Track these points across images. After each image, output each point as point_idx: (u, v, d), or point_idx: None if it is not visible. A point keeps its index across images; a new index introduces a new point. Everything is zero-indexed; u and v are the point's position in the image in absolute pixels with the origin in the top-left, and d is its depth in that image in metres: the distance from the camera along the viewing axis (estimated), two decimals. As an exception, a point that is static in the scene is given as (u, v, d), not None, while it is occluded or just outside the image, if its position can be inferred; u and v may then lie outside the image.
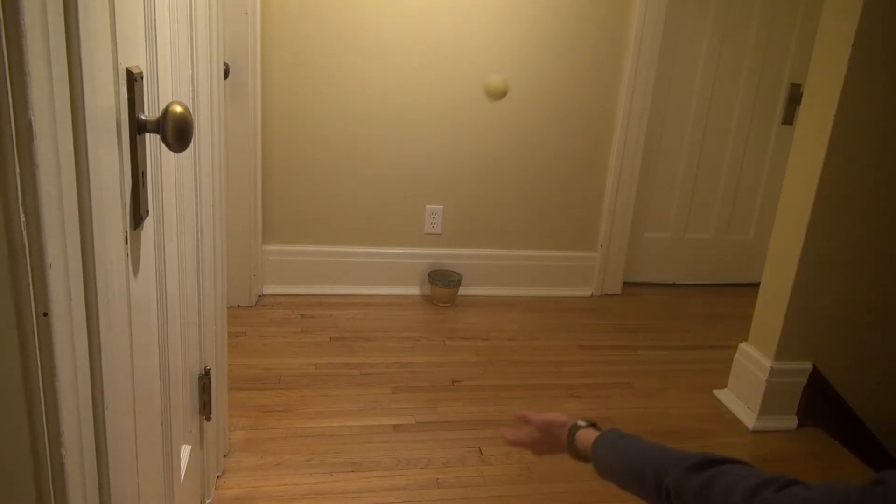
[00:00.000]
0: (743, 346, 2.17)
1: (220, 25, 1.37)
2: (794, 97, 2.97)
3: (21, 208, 0.51)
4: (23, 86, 0.50)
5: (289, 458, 1.71)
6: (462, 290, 2.86)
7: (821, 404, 2.07)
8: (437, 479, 1.68)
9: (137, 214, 0.78)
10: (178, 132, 0.74)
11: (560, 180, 2.85)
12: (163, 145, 0.78)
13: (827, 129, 1.85)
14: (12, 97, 0.49)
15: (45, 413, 0.57)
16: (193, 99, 1.18)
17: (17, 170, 0.51)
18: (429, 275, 2.78)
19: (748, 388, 2.11)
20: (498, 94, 1.93)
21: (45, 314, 0.55)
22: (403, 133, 2.67)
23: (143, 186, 0.80)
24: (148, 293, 0.88)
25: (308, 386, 2.05)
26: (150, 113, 0.84)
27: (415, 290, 2.84)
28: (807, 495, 0.80)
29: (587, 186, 2.89)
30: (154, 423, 0.95)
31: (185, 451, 1.27)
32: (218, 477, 1.61)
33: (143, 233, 0.83)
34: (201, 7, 1.20)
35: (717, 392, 2.23)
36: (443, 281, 2.73)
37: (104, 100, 0.65)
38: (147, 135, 0.79)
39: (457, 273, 2.82)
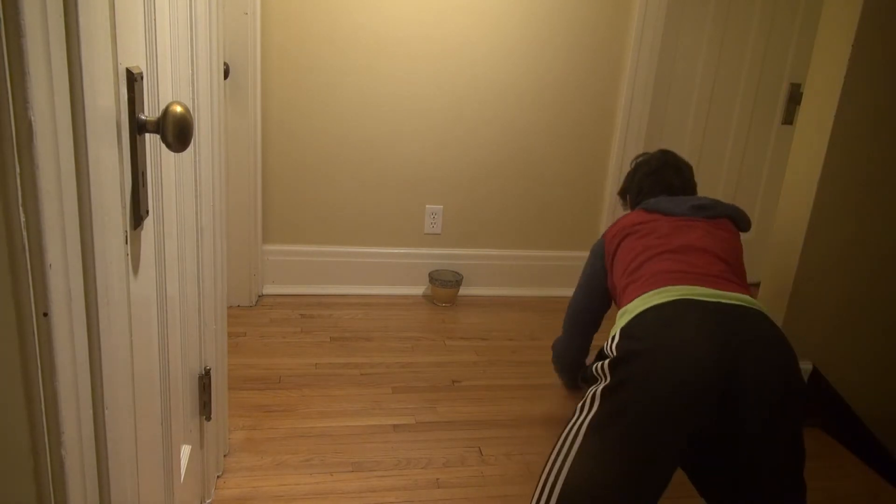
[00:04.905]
0: (743, 346, 2.16)
1: (220, 26, 1.37)
2: (794, 97, 2.97)
3: (21, 208, 0.51)
4: (23, 86, 0.50)
5: (289, 458, 1.71)
6: (462, 290, 2.86)
7: (821, 404, 2.07)
8: (437, 479, 1.68)
9: (137, 214, 0.78)
10: (178, 132, 0.74)
11: (560, 180, 2.85)
12: (163, 145, 0.78)
13: (827, 129, 1.85)
14: (12, 97, 0.50)
15: (45, 413, 0.57)
16: (193, 99, 1.18)
17: (17, 170, 0.51)
18: (429, 275, 2.78)
19: (748, 388, 2.10)
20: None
21: (45, 314, 0.55)
22: (403, 133, 2.67)
23: (143, 186, 0.80)
24: (148, 293, 0.88)
25: (308, 386, 2.05)
26: (150, 113, 0.84)
27: (415, 290, 2.84)
28: None
29: (587, 186, 2.89)
30: (154, 423, 0.95)
31: (185, 451, 1.27)
32: (218, 477, 1.61)
33: (143, 233, 0.83)
34: (201, 7, 1.20)
35: (717, 392, 2.22)
36: (443, 281, 2.73)
37: (104, 100, 0.65)
38: (147, 135, 0.79)
39: (457, 273, 2.82)
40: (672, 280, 1.32)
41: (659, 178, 1.76)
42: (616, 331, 1.28)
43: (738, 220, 1.59)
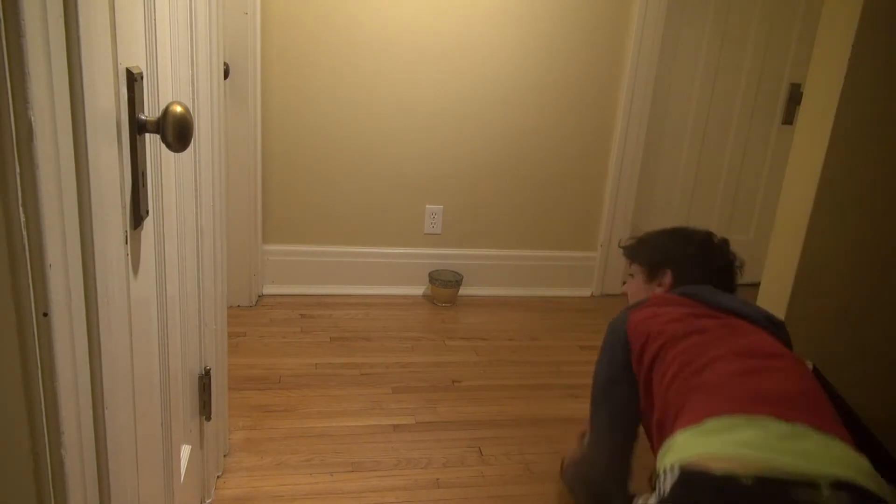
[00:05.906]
0: (743, 346, 2.16)
1: (220, 25, 1.37)
2: (794, 97, 2.97)
3: (21, 208, 0.51)
4: (23, 86, 0.50)
5: (289, 458, 1.71)
6: (462, 290, 2.86)
7: (821, 404, 2.07)
8: (437, 479, 1.68)
9: (137, 214, 0.78)
10: (178, 132, 0.74)
11: (560, 180, 2.85)
12: (163, 145, 0.78)
13: (827, 129, 1.85)
14: (12, 97, 0.50)
15: (45, 413, 0.57)
16: (193, 99, 1.18)
17: (17, 170, 0.51)
18: (429, 275, 2.78)
19: (748, 388, 2.10)
20: None
21: (45, 314, 0.55)
22: (403, 133, 2.67)
23: (143, 186, 0.80)
24: (148, 293, 0.88)
25: (308, 386, 2.05)
26: (150, 113, 0.84)
27: (415, 290, 2.84)
28: None
29: (587, 186, 2.89)
30: (154, 423, 0.95)
31: (185, 451, 1.27)
32: (218, 477, 1.61)
33: (143, 233, 0.83)
34: (201, 7, 1.20)
35: (717, 392, 2.22)
36: (443, 281, 2.73)
37: (104, 100, 0.65)
38: (147, 135, 0.79)
39: (457, 273, 2.82)
40: (747, 406, 1.04)
41: (707, 260, 1.54)
42: (674, 461, 0.98)
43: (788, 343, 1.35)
